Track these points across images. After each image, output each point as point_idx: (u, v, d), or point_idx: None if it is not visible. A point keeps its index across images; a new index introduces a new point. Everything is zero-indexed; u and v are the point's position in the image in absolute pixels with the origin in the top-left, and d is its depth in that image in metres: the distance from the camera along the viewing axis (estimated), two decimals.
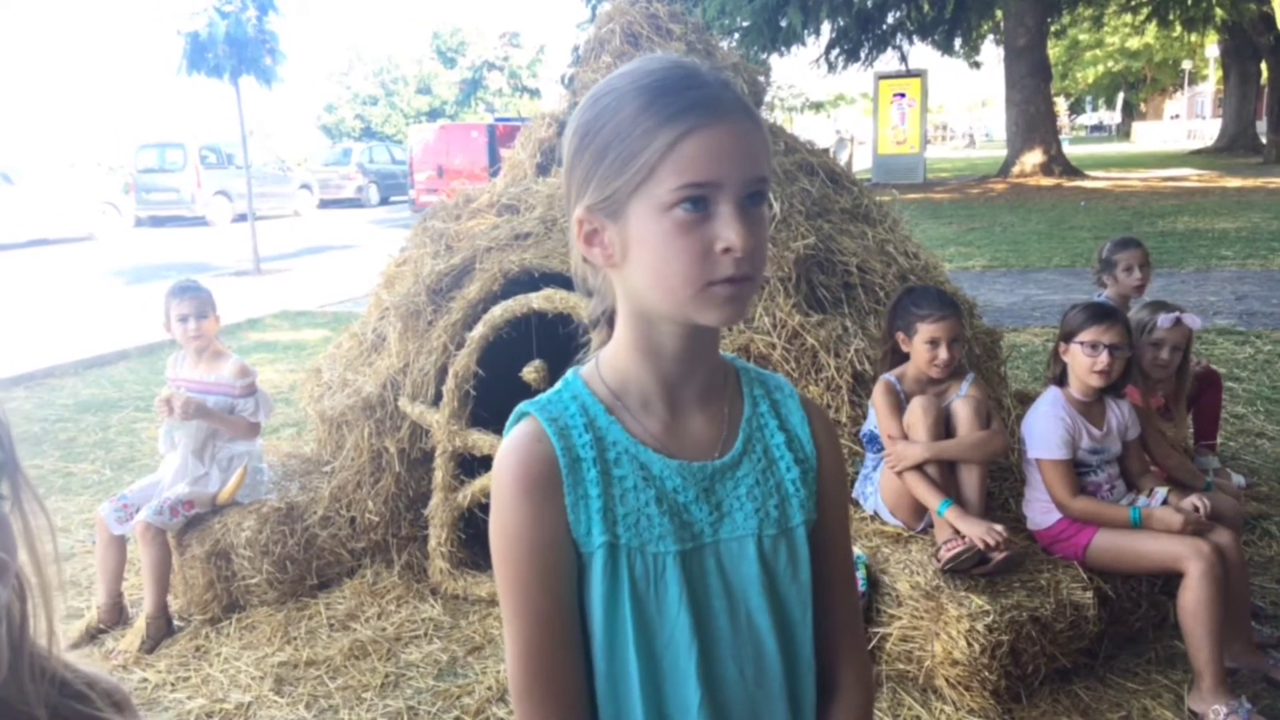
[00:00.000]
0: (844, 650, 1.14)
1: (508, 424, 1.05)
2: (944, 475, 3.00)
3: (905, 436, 3.03)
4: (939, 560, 2.87)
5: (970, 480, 3.01)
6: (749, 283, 0.93)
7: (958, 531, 2.87)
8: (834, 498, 1.11)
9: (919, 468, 2.99)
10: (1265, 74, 30.54)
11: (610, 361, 1.05)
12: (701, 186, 0.90)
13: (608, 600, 0.99)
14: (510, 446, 1.01)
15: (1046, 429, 3.04)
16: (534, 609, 0.99)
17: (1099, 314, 3.07)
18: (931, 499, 2.95)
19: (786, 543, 1.05)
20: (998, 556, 2.81)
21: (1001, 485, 3.49)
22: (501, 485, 1.00)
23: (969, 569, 2.87)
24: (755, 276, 0.94)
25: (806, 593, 1.06)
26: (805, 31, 23.44)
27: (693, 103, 0.91)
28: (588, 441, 1.00)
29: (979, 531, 2.81)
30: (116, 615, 3.57)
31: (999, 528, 2.83)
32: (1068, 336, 3.09)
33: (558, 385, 1.06)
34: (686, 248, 0.91)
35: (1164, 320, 3.46)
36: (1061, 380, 3.15)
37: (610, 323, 1.06)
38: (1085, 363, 3.03)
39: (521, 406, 1.04)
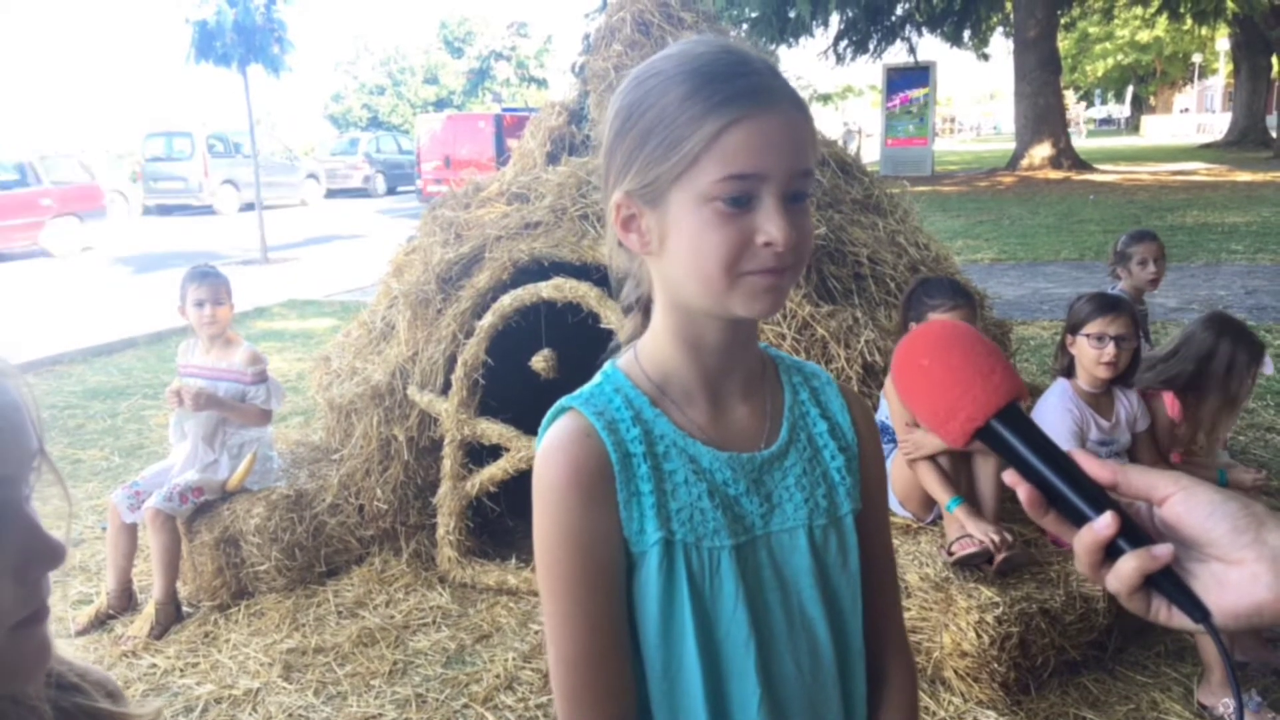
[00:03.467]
0: (889, 639, 1.12)
1: (546, 419, 1.00)
2: (956, 468, 2.99)
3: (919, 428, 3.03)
4: (950, 555, 2.87)
5: (986, 472, 3.00)
6: (789, 273, 0.91)
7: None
8: (875, 485, 1.09)
9: (932, 459, 2.98)
10: (1276, 68, 30.39)
11: (650, 353, 1.01)
12: (745, 179, 0.87)
13: (664, 598, 0.96)
14: (557, 443, 0.97)
15: (1054, 421, 3.03)
16: (587, 612, 0.95)
17: (1105, 305, 3.05)
18: (942, 494, 2.94)
19: (836, 532, 1.03)
20: (999, 556, 2.80)
21: None
22: (550, 484, 0.95)
23: (976, 564, 2.87)
24: (796, 268, 0.92)
25: (856, 581, 1.05)
26: (814, 22, 23.42)
27: (742, 90, 0.87)
28: (637, 436, 0.97)
29: (986, 532, 2.80)
30: (126, 601, 3.58)
31: (1006, 535, 2.82)
32: (1074, 329, 3.08)
33: (596, 379, 1.02)
34: (725, 239, 0.88)
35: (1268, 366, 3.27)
36: (1069, 372, 3.14)
37: (645, 310, 1.03)
38: (1092, 355, 3.02)
39: (562, 401, 1.00)
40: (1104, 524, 0.70)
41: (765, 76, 0.90)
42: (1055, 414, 3.04)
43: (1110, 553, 0.70)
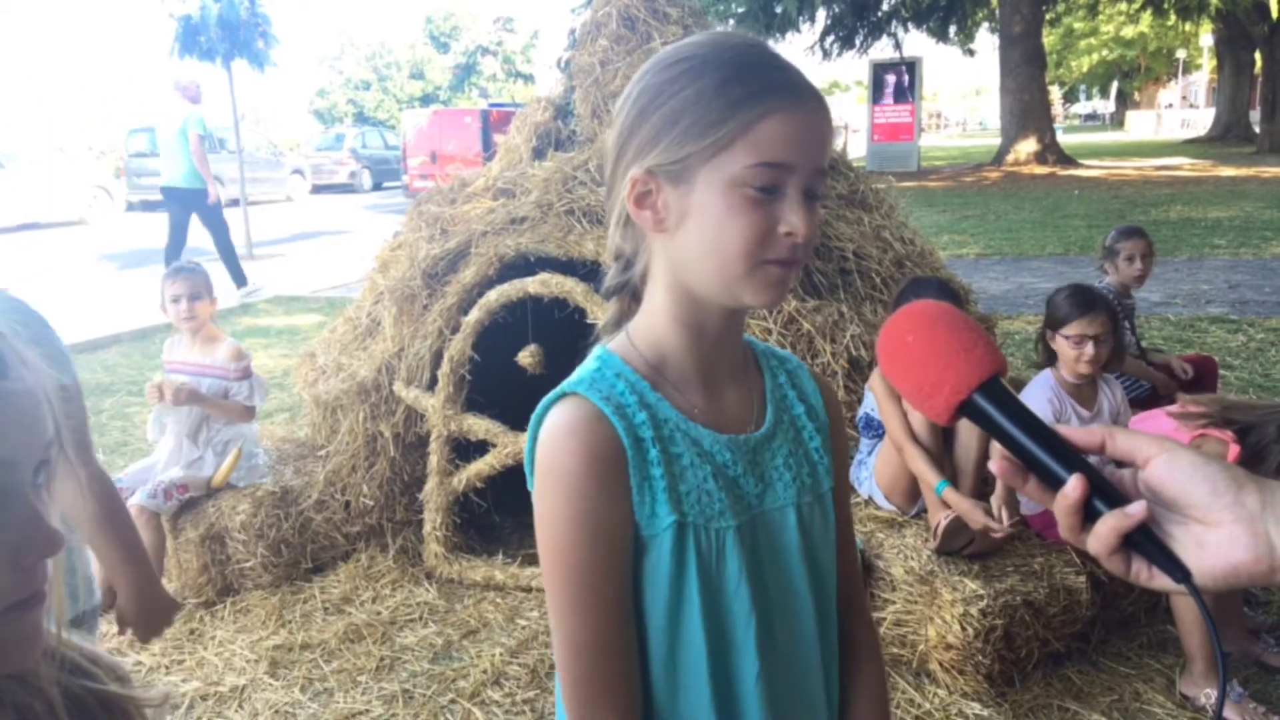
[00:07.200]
0: (855, 607, 1.18)
1: (543, 404, 1.00)
2: (939, 448, 3.01)
3: (905, 419, 3.04)
4: (936, 537, 2.89)
5: (966, 466, 3.02)
6: (797, 267, 0.94)
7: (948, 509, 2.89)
8: (840, 465, 1.14)
9: (919, 443, 2.99)
10: (1259, 63, 30.55)
11: (646, 335, 1.02)
12: (776, 168, 0.90)
13: (674, 580, 0.98)
14: (567, 429, 0.96)
15: (1034, 411, 3.03)
16: (600, 598, 0.96)
17: (1083, 305, 3.05)
18: (930, 476, 2.95)
19: (820, 508, 1.08)
20: (996, 532, 2.82)
21: None
22: (563, 470, 0.95)
23: (960, 549, 2.88)
24: (803, 261, 0.95)
25: (833, 552, 1.10)
26: (800, 18, 23.44)
27: (780, 83, 0.91)
28: (644, 420, 0.98)
29: (977, 515, 2.82)
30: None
31: (991, 514, 2.83)
32: (1053, 326, 3.10)
33: (592, 363, 1.03)
34: (750, 224, 0.91)
35: None
36: (1051, 364, 3.16)
37: (632, 296, 1.04)
38: (1072, 354, 3.05)
39: (563, 386, 1.00)
40: (1070, 486, 0.72)
41: (797, 73, 0.93)
42: (1035, 405, 3.06)
43: (1090, 516, 0.72)
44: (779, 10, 22.84)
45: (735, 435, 1.03)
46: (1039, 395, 3.09)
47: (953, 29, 26.60)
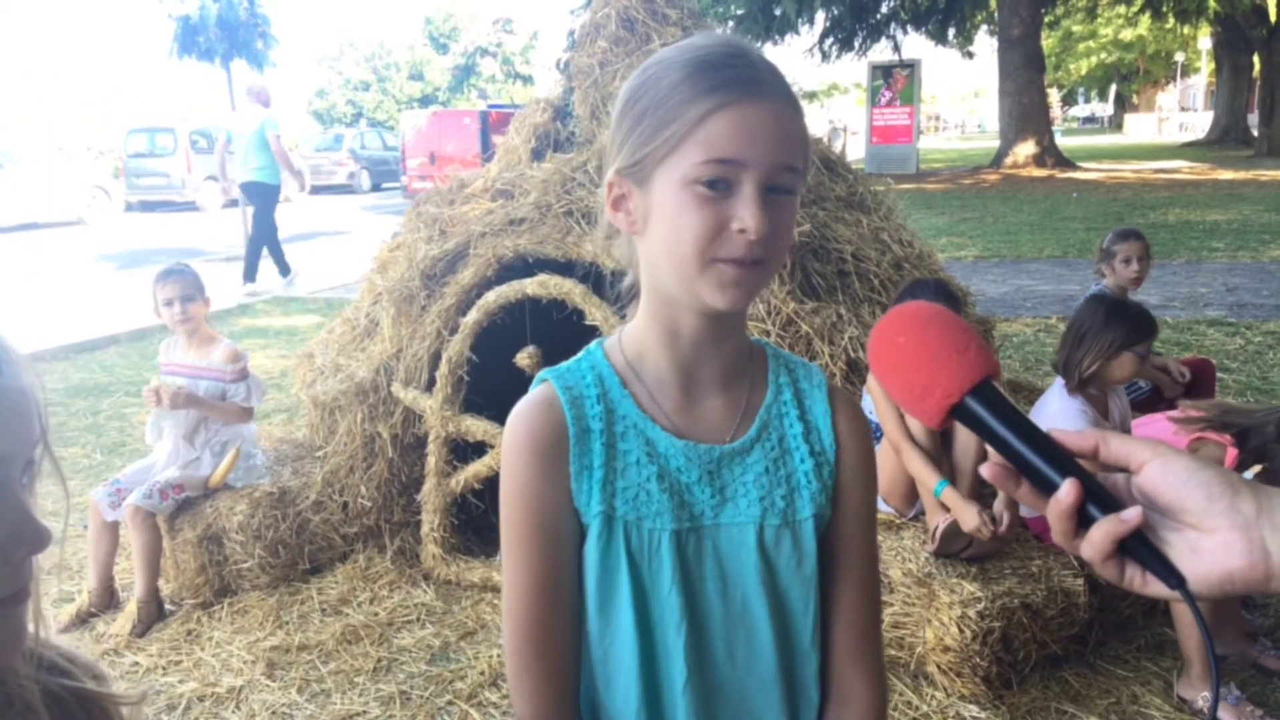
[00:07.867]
0: (857, 659, 1.08)
1: (530, 390, 1.07)
2: (937, 450, 3.01)
3: (903, 420, 3.04)
4: (934, 540, 2.89)
5: (964, 469, 3.02)
6: (759, 268, 0.92)
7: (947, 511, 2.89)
8: (853, 495, 1.07)
9: (916, 444, 2.99)
10: (1258, 66, 30.59)
11: (631, 335, 1.05)
12: (726, 164, 0.89)
13: (601, 570, 1.00)
14: (523, 411, 1.03)
15: (1068, 422, 2.98)
16: (532, 570, 1.01)
17: (1149, 323, 3.07)
18: (929, 477, 2.94)
19: (791, 535, 1.02)
20: (984, 534, 2.81)
21: None
22: (510, 447, 1.02)
23: (958, 551, 2.88)
24: (768, 263, 0.93)
25: (810, 585, 1.04)
26: (799, 20, 23.45)
27: (732, 79, 0.90)
28: (598, 414, 1.01)
29: (971, 518, 2.82)
30: (108, 599, 3.56)
31: (986, 515, 2.82)
32: (1124, 346, 3.01)
33: (579, 355, 1.07)
34: (701, 220, 0.90)
35: None
36: (1085, 386, 3.10)
37: (635, 296, 1.07)
38: (1136, 368, 3.07)
39: (541, 373, 1.06)
40: (1064, 491, 0.70)
41: (759, 69, 0.92)
42: (1069, 414, 3.00)
43: (1084, 521, 0.71)
44: (778, 12, 22.86)
45: (696, 443, 1.02)
46: (1071, 407, 3.05)
47: (951, 31, 26.62)
